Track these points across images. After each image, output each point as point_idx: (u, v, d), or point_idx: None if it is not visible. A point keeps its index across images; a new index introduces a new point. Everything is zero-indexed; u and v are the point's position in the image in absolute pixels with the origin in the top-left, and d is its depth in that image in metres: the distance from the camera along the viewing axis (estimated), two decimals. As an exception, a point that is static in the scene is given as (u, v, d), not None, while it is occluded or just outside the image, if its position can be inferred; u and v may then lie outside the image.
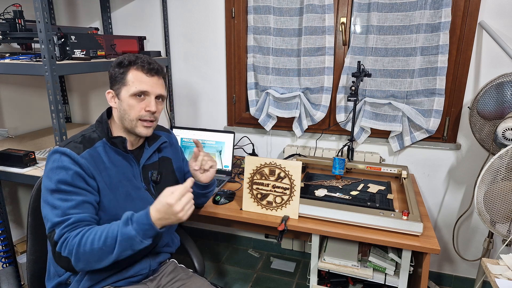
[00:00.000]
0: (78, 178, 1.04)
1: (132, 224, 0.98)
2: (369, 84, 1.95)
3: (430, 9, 1.76)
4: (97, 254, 0.98)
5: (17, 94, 2.22)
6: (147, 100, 1.14)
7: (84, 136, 1.13)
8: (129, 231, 0.97)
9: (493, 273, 1.04)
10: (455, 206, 2.01)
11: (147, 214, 0.98)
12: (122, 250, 0.98)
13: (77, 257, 0.98)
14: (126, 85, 1.12)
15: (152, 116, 1.15)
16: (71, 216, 1.00)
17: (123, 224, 0.99)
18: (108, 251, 0.98)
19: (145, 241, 0.99)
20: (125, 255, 1.00)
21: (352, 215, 1.36)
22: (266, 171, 1.46)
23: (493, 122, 1.63)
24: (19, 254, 2.06)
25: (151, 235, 0.99)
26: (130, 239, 0.97)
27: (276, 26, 2.03)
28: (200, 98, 2.35)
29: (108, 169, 1.11)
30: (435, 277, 2.16)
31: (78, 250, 0.97)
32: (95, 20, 2.43)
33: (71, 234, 0.98)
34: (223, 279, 2.23)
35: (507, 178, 1.34)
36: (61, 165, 1.04)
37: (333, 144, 2.14)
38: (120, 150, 1.15)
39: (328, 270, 1.44)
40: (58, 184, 1.02)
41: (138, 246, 0.99)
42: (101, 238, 0.97)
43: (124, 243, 0.98)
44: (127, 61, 1.13)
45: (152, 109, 1.13)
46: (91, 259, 0.98)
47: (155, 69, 1.15)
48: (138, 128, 1.14)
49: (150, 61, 1.15)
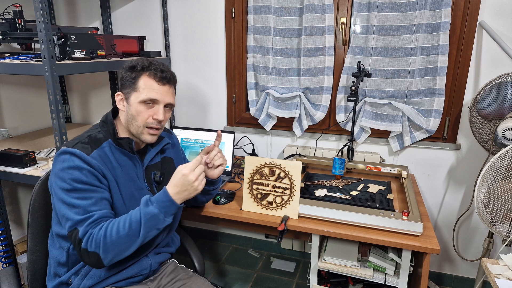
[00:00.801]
0: (92, 176, 1.05)
1: (153, 204, 1.04)
2: (369, 84, 1.95)
3: (430, 9, 1.76)
4: (124, 240, 1.01)
5: (17, 94, 2.22)
6: (155, 108, 1.14)
7: (90, 137, 1.13)
8: (151, 210, 1.02)
9: (493, 273, 1.04)
10: (455, 206, 2.01)
11: (165, 191, 1.05)
12: (148, 231, 1.03)
13: (105, 249, 1.00)
14: (137, 91, 1.12)
15: (158, 124, 1.15)
16: (94, 213, 1.03)
17: (144, 205, 1.04)
18: (134, 235, 1.02)
19: (167, 219, 1.05)
20: (151, 236, 1.05)
21: (352, 215, 1.36)
22: (266, 171, 1.46)
23: (493, 122, 1.63)
24: (19, 254, 2.06)
25: (172, 211, 1.05)
26: (154, 218, 1.02)
27: (276, 26, 2.03)
28: (200, 98, 2.35)
29: (115, 169, 1.12)
30: (435, 277, 2.16)
31: (106, 242, 1.00)
32: (95, 20, 2.44)
33: (95, 230, 1.01)
34: (223, 279, 2.23)
35: (507, 178, 1.34)
36: (72, 165, 1.04)
37: (333, 144, 2.14)
38: (126, 151, 1.15)
39: (328, 270, 1.44)
40: (73, 183, 1.03)
41: (162, 224, 1.04)
42: (125, 225, 1.01)
43: (148, 223, 1.02)
44: (140, 67, 1.12)
45: (159, 117, 1.13)
46: (119, 248, 1.02)
47: (167, 78, 1.14)
48: (144, 135, 1.15)
49: (164, 69, 1.14)
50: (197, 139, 1.96)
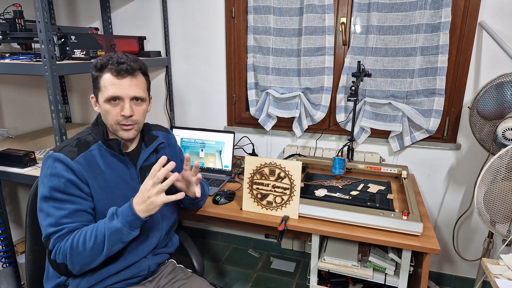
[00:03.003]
0: (71, 186, 1.04)
1: (118, 218, 1.02)
2: (369, 84, 1.95)
3: (430, 9, 1.76)
4: (90, 252, 1.01)
5: (17, 94, 2.22)
6: (121, 105, 1.08)
7: (79, 140, 1.12)
8: (115, 225, 1.01)
9: (493, 273, 1.04)
10: (455, 206, 2.01)
11: (130, 205, 1.02)
12: (112, 244, 1.02)
13: (71, 261, 1.00)
14: (100, 90, 1.08)
15: (129, 120, 1.10)
16: (64, 226, 1.02)
17: (109, 219, 1.03)
18: (99, 248, 1.01)
19: (133, 232, 1.03)
20: (117, 249, 1.04)
21: (352, 215, 1.36)
22: (266, 171, 1.46)
23: (493, 122, 1.63)
24: (19, 254, 2.05)
25: (137, 225, 1.03)
26: (117, 232, 1.01)
27: (276, 26, 2.02)
28: (200, 98, 2.35)
29: (103, 173, 1.11)
30: (435, 277, 2.16)
31: (72, 253, 1.00)
32: (95, 20, 2.44)
33: (62, 243, 1.01)
34: (223, 279, 2.23)
35: (507, 178, 1.33)
36: (54, 172, 1.04)
37: (333, 144, 2.14)
38: (116, 153, 1.14)
39: (328, 270, 1.44)
40: (51, 192, 1.02)
41: (127, 238, 1.03)
42: (91, 237, 1.00)
43: (112, 237, 1.01)
44: (100, 64, 1.07)
45: (126, 113, 1.07)
46: (85, 259, 1.01)
47: (124, 70, 1.06)
48: (119, 132, 1.12)
49: (122, 61, 1.06)
50: (197, 139, 1.96)
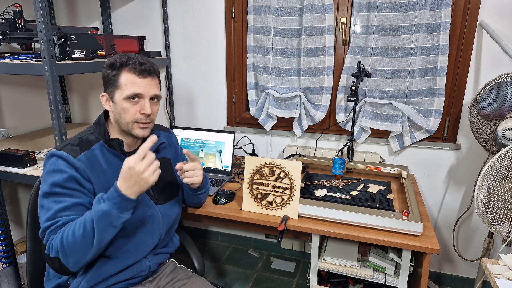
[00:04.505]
0: (72, 181, 1.04)
1: (104, 201, 0.98)
2: (369, 84, 1.95)
3: (430, 9, 1.76)
4: (81, 242, 0.96)
5: (17, 94, 2.22)
6: (141, 103, 1.11)
7: (81, 139, 1.12)
8: (102, 208, 0.97)
9: (493, 273, 1.04)
10: (455, 206, 2.01)
11: (115, 187, 0.98)
12: (102, 230, 0.97)
13: (63, 253, 0.97)
14: (119, 88, 1.10)
15: (147, 118, 1.13)
16: (60, 219, 1.00)
17: (95, 204, 0.99)
18: (90, 235, 0.97)
19: (123, 215, 0.99)
20: (109, 235, 1.00)
21: (352, 215, 1.36)
22: (266, 171, 1.46)
23: (493, 122, 1.63)
24: (19, 254, 2.06)
25: (128, 207, 0.99)
26: (105, 215, 0.97)
27: (276, 26, 2.02)
28: (200, 98, 2.35)
29: (105, 172, 1.11)
30: (435, 277, 2.16)
31: (63, 245, 0.96)
32: (95, 20, 2.43)
33: (55, 235, 0.99)
34: (223, 279, 2.23)
35: (507, 178, 1.33)
36: (56, 168, 1.03)
37: (333, 144, 2.14)
38: (118, 153, 1.14)
39: (328, 270, 1.44)
40: (51, 187, 1.02)
41: (117, 221, 0.98)
42: (80, 226, 0.97)
43: (101, 222, 0.97)
44: (119, 63, 1.09)
45: (147, 111, 1.11)
46: (77, 251, 0.97)
47: (147, 70, 1.11)
48: (134, 130, 1.13)
49: (142, 61, 1.11)
50: (197, 139, 1.96)
